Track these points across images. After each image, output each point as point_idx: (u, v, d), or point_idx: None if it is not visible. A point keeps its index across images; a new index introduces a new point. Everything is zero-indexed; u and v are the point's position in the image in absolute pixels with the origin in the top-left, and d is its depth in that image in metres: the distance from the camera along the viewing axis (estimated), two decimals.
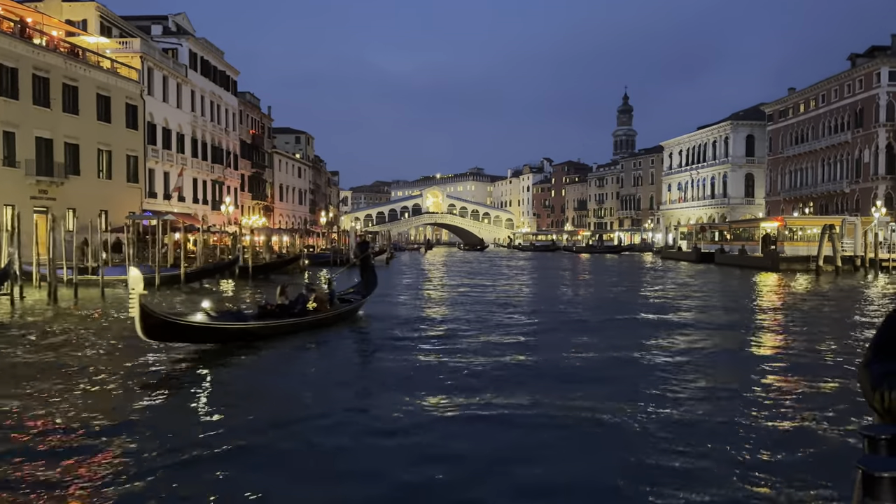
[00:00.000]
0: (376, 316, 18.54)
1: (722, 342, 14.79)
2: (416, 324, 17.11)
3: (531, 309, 20.39)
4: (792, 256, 45.90)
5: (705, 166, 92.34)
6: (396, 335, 15.13)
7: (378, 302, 21.95)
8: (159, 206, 48.19)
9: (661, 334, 15.42)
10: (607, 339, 14.60)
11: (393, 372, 11.23)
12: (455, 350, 13.24)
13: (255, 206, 69.64)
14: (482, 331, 15.93)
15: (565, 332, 15.89)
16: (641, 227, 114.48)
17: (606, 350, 13.36)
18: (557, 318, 18.48)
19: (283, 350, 13.04)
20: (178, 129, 52.10)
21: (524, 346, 13.80)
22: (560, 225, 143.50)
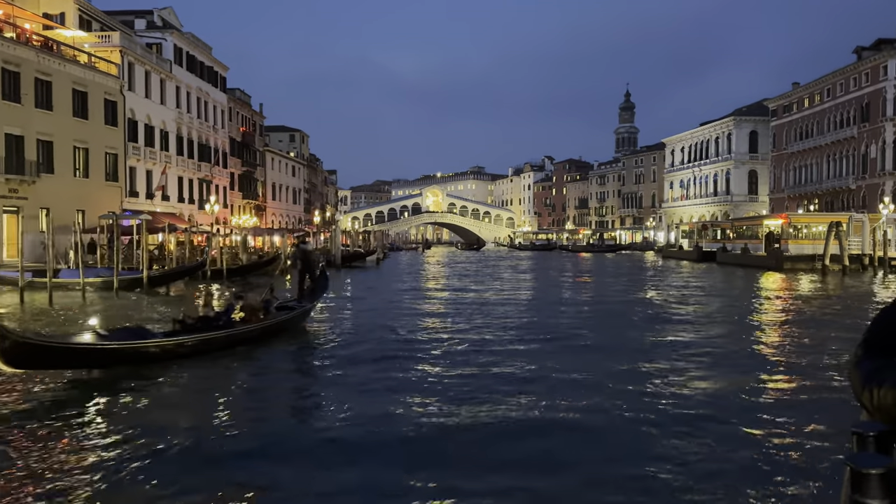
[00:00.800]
0: (328, 326, 16.77)
1: (722, 361, 13.11)
2: (373, 340, 14.61)
3: (514, 322, 17.90)
4: (796, 255, 44.13)
5: (708, 163, 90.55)
6: (341, 353, 12.90)
7: (341, 309, 20.36)
8: (142, 206, 46.60)
9: (655, 354, 13.69)
10: (598, 369, 12.87)
11: (322, 407, 9.14)
12: (410, 382, 10.39)
13: (246, 205, 68.07)
14: (452, 352, 13.20)
15: (554, 352, 13.42)
16: (643, 226, 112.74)
17: (599, 388, 11.24)
18: (542, 331, 16.73)
19: (194, 373, 10.80)
20: (161, 125, 50.52)
21: (498, 380, 10.62)
22: (561, 224, 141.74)
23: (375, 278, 36.39)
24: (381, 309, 20.68)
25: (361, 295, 25.63)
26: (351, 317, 19.04)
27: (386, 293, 26.55)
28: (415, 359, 12.12)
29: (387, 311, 20.12)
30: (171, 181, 51.67)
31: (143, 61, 47.77)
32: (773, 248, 47.96)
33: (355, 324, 17.40)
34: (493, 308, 20.54)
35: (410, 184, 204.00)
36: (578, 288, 30.77)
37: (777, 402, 9.40)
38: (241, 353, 12.28)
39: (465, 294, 26.04)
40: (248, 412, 8.83)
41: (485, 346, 13.71)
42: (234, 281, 31.37)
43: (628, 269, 48.44)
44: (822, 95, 68.77)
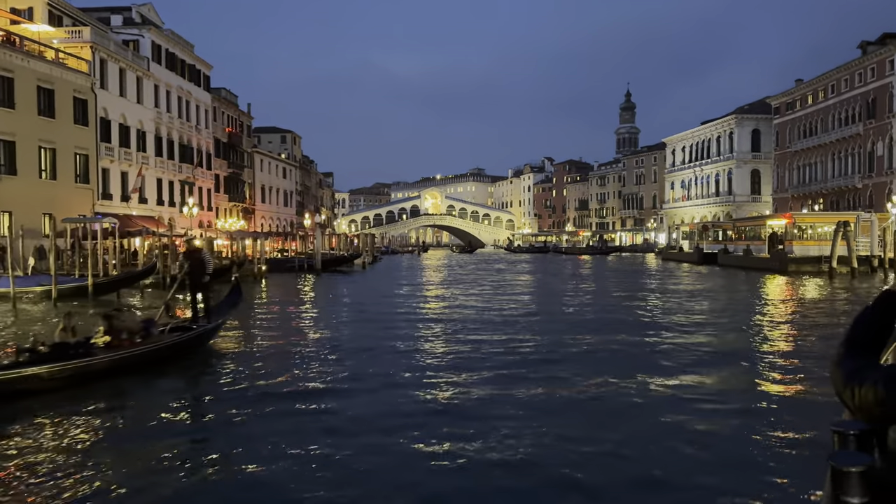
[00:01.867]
0: (242, 348, 14.09)
1: (726, 384, 11.04)
2: (296, 367, 11.89)
3: (489, 350, 13.92)
4: (802, 257, 41.95)
5: (709, 163, 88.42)
6: (245, 386, 10.25)
7: (275, 326, 18.12)
8: (116, 209, 44.67)
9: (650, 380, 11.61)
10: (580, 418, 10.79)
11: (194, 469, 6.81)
12: (337, 426, 8.18)
13: (233, 207, 66.05)
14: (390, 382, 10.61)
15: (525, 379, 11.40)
16: (644, 227, 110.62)
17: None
18: (514, 357, 14.62)
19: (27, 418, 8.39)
20: (138, 125, 48.52)
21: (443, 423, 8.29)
22: (562, 225, 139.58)
23: (352, 284, 34.26)
24: (327, 324, 18.41)
25: (314, 307, 23.31)
26: (281, 335, 16.17)
27: (347, 304, 24.36)
28: (330, 401, 9.58)
29: (332, 329, 17.09)
30: (149, 183, 49.67)
31: (118, 58, 45.79)
32: (776, 249, 45.78)
33: (283, 347, 14.19)
34: (464, 326, 18.25)
35: (410, 186, 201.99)
36: (560, 297, 28.65)
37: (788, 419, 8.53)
38: (107, 387, 9.70)
39: (436, 304, 23.93)
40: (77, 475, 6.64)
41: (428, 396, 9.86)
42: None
43: (623, 274, 46.31)
44: (826, 92, 66.61)
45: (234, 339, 15.36)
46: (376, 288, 31.65)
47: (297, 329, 17.99)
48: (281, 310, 22.02)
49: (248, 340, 15.41)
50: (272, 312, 21.47)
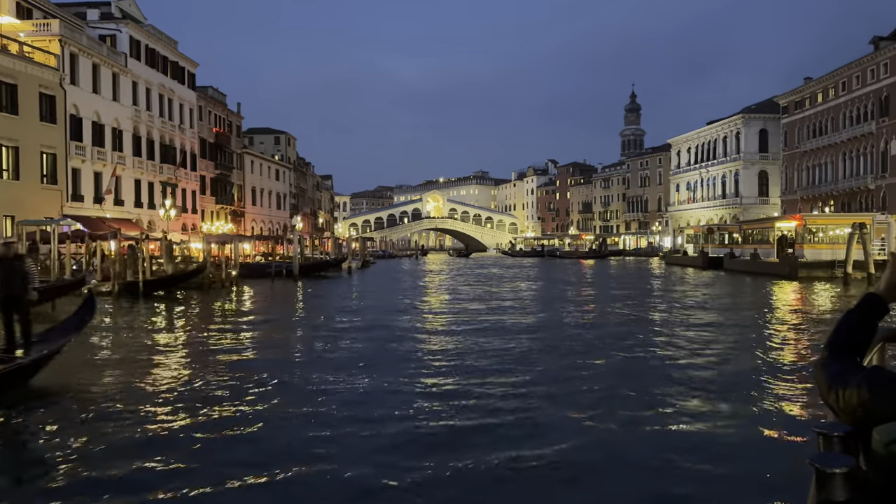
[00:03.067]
0: (83, 384, 10.53)
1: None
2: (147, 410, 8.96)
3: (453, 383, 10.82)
4: (813, 262, 39.33)
5: (715, 164, 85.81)
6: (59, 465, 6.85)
7: (152, 355, 15.02)
8: (88, 211, 42.46)
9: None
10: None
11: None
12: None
13: (220, 210, 63.80)
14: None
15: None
16: (648, 230, 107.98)
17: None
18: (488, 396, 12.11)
19: None
20: (114, 123, 46.30)
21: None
22: (565, 229, 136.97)
23: (321, 293, 31.61)
24: (227, 349, 15.55)
25: (237, 325, 19.67)
26: (137, 371, 11.73)
27: (281, 321, 21.74)
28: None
29: (213, 369, 12.12)
30: (126, 184, 47.47)
31: (90, 53, 43.57)
32: (786, 253, 43.19)
33: (130, 390, 10.27)
34: (419, 367, 14.94)
35: (413, 189, 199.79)
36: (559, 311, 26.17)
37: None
38: None
39: (397, 320, 21.47)
40: None
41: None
42: (156, 296, 26.91)
43: (624, 281, 43.76)
44: (836, 89, 63.96)
45: (75, 372, 11.39)
46: (343, 297, 28.91)
47: (173, 365, 12.80)
48: (190, 329, 18.24)
49: (94, 374, 11.64)
50: (173, 332, 17.61)
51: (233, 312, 21.96)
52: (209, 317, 21.21)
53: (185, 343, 15.58)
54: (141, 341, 15.58)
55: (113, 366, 12.47)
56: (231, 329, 17.65)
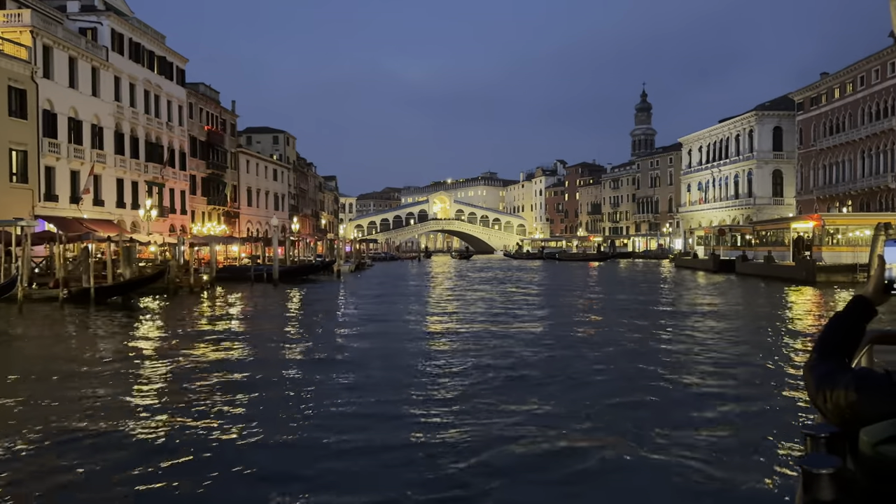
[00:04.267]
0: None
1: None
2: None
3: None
4: (832, 265, 36.60)
5: (728, 163, 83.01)
6: None
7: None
8: (63, 212, 40.41)
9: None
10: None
11: None
12: None
13: (213, 211, 61.66)
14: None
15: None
16: (659, 232, 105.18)
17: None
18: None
19: None
20: (93, 120, 44.21)
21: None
22: (573, 230, 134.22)
23: (288, 303, 29.26)
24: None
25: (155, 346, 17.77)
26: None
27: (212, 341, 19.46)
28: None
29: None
30: (107, 184, 45.36)
31: (66, 45, 41.48)
32: (802, 256, 40.49)
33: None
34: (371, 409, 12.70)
35: (420, 190, 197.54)
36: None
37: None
38: None
39: (356, 340, 19.05)
40: None
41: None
42: (111, 303, 24.62)
43: (629, 287, 41.18)
44: (854, 85, 61.05)
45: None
46: (309, 308, 26.38)
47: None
48: (108, 344, 15.73)
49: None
50: (86, 346, 15.47)
51: (172, 326, 19.50)
52: (142, 330, 18.81)
53: (88, 361, 13.23)
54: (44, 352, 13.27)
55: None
56: (149, 349, 15.26)
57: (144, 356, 13.79)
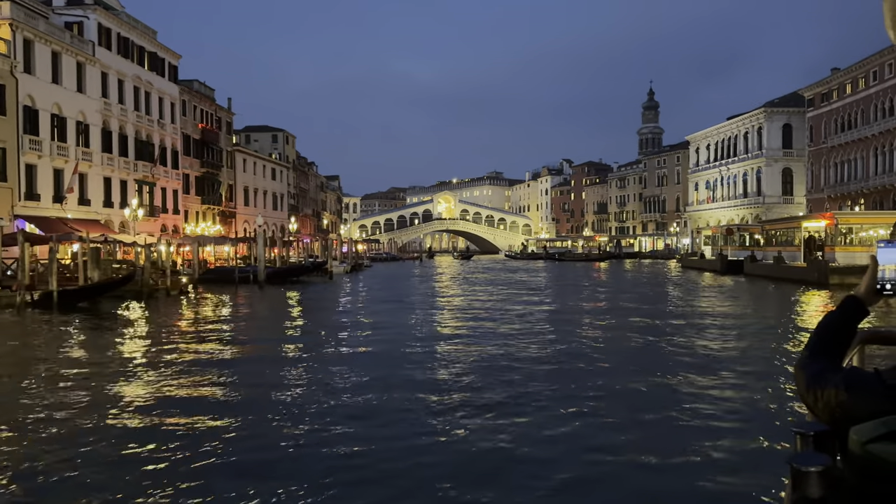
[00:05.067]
0: None
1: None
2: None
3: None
4: (846, 266, 34.78)
5: (736, 161, 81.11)
6: None
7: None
8: (46, 211, 39.06)
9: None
10: None
11: None
12: None
13: (207, 210, 60.27)
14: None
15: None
16: (666, 231, 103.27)
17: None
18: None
19: None
20: (79, 116, 42.85)
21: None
22: (579, 230, 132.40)
23: (275, 306, 27.81)
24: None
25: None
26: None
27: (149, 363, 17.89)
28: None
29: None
30: (93, 182, 44.02)
31: (49, 39, 40.13)
32: (814, 257, 38.73)
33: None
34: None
35: (426, 190, 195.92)
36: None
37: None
38: None
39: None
40: None
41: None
42: (78, 310, 23.16)
43: (634, 290, 39.53)
44: (866, 80, 59.14)
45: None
46: (282, 314, 24.76)
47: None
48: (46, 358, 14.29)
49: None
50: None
51: (131, 336, 17.98)
52: (85, 341, 17.29)
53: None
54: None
55: None
56: (78, 369, 13.74)
57: (66, 377, 12.29)
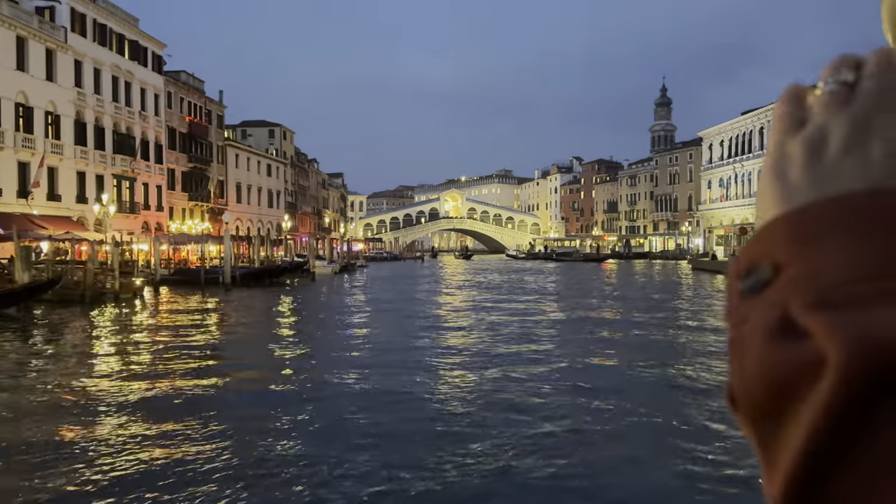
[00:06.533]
0: None
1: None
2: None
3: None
4: None
5: (751, 158, 77.64)
6: None
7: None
8: (8, 207, 36.55)
9: None
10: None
11: None
12: None
13: (195, 207, 57.71)
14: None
15: None
16: (677, 231, 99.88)
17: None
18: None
19: None
20: (48, 107, 40.39)
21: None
22: (589, 229, 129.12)
23: (211, 318, 24.98)
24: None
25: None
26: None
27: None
28: None
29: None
30: (64, 177, 41.54)
31: (13, 24, 37.63)
32: None
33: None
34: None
35: (434, 188, 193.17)
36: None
37: None
38: None
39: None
40: None
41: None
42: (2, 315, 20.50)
43: (633, 295, 36.54)
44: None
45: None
46: (226, 328, 21.93)
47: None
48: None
49: None
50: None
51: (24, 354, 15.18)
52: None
53: None
54: None
55: None
56: None
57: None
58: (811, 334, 0.30)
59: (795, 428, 0.30)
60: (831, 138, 0.34)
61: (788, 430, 0.30)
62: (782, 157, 0.36)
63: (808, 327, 0.30)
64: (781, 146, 0.36)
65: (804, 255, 0.32)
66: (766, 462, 0.31)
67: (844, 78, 0.34)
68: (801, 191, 0.34)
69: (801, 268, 0.32)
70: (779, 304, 0.32)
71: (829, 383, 0.28)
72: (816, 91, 0.35)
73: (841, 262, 0.31)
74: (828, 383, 0.28)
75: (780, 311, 0.31)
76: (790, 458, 0.30)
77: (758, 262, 0.34)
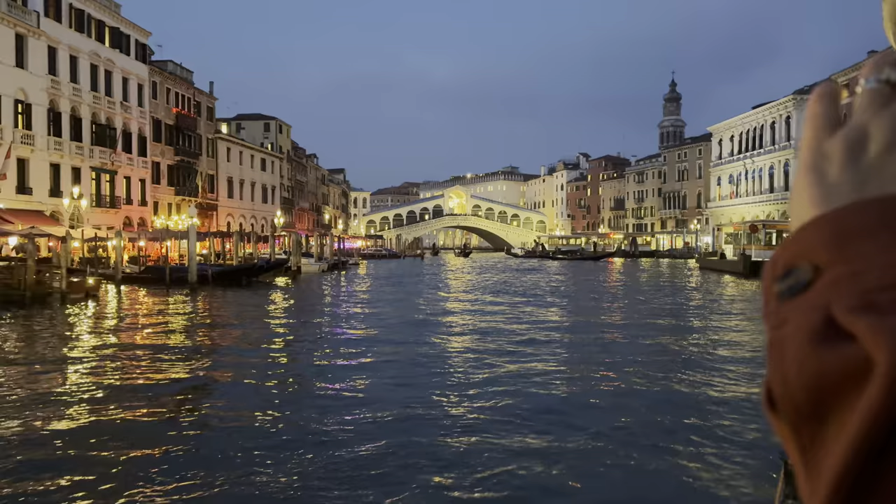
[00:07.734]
0: None
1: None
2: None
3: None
4: None
5: (762, 153, 75.07)
6: None
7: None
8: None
9: None
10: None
11: None
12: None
13: (182, 202, 55.57)
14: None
15: None
16: (686, 229, 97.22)
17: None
18: None
19: None
20: (18, 95, 38.33)
21: None
22: (595, 227, 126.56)
23: (152, 325, 22.69)
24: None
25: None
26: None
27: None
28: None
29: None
30: (36, 169, 39.46)
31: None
32: None
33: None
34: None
35: (439, 185, 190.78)
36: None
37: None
38: None
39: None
40: None
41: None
42: None
43: (643, 304, 34.16)
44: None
45: None
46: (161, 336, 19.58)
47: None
48: None
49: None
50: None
51: None
52: None
53: None
54: None
55: None
56: None
57: None
58: (856, 337, 0.29)
59: (840, 432, 0.29)
60: (873, 138, 0.34)
61: (832, 433, 0.29)
62: (820, 157, 0.35)
63: (853, 330, 0.29)
64: (818, 146, 0.35)
65: (846, 257, 0.31)
66: (807, 466, 0.31)
67: (887, 76, 0.33)
68: (841, 191, 0.34)
69: (844, 270, 0.31)
70: (821, 306, 0.31)
71: (876, 387, 0.28)
72: (857, 89, 0.34)
73: (885, 263, 0.30)
74: (875, 387, 0.28)
75: (822, 314, 0.31)
76: (836, 463, 0.29)
77: (796, 264, 0.33)
